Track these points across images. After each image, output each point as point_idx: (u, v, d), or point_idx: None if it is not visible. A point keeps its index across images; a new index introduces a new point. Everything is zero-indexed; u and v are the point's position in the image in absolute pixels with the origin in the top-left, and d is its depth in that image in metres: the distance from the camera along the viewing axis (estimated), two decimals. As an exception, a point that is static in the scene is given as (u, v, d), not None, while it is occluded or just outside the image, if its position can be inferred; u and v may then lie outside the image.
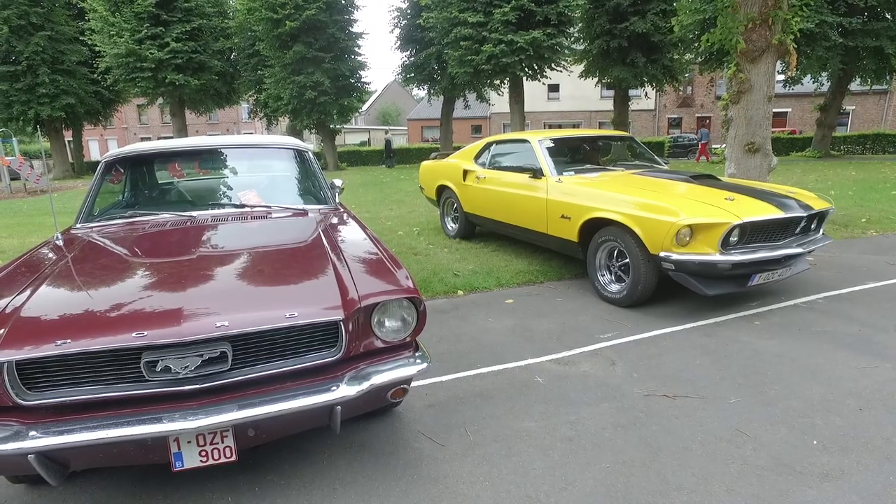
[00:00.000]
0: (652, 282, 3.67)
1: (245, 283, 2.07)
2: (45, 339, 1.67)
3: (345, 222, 2.90)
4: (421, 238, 6.36)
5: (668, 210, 3.44)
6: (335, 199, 3.39)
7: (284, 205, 3.16)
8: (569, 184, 4.28)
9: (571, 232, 4.15)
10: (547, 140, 4.80)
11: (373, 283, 2.05)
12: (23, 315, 1.80)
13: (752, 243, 3.50)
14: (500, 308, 4.02)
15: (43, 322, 1.78)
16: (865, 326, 3.43)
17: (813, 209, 3.64)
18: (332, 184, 3.56)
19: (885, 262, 4.98)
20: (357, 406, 2.00)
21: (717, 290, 3.49)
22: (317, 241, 2.46)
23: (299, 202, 3.24)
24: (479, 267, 5.01)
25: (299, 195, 3.36)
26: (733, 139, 7.07)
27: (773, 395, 2.62)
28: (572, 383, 2.82)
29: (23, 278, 2.11)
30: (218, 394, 1.80)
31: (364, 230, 2.70)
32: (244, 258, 2.31)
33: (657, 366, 2.97)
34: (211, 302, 1.86)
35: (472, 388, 2.82)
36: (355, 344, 1.97)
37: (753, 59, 6.59)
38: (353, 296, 1.94)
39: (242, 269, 2.20)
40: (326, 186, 3.38)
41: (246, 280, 2.10)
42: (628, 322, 3.62)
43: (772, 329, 3.44)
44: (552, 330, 3.55)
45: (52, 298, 1.94)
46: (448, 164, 6.07)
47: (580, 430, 2.39)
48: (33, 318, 1.80)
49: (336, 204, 3.30)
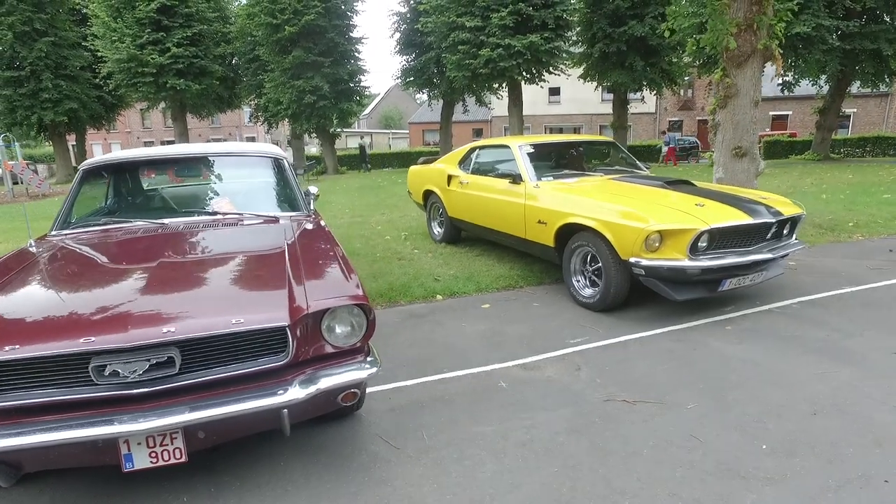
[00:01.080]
0: (624, 287, 3.70)
1: (198, 290, 2.12)
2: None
3: (312, 230, 2.96)
4: (407, 243, 6.41)
5: (637, 216, 3.47)
6: (309, 207, 3.45)
7: (257, 212, 3.23)
8: (546, 189, 4.32)
9: (548, 237, 4.19)
10: (527, 146, 4.84)
11: (323, 290, 2.10)
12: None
13: (721, 249, 3.53)
14: (475, 313, 4.06)
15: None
16: (834, 331, 3.45)
17: (783, 215, 3.66)
18: (306, 191, 3.62)
19: (866, 266, 4.99)
20: (307, 409, 2.04)
21: (687, 295, 3.52)
22: (278, 249, 2.51)
23: (272, 209, 3.30)
24: (460, 272, 5.05)
25: (272, 202, 3.41)
26: (721, 143, 7.09)
27: (731, 401, 2.64)
28: (535, 388, 2.85)
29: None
30: (167, 397, 1.85)
31: (328, 238, 2.75)
32: (204, 265, 2.37)
33: (622, 371, 3.00)
34: (161, 308, 1.91)
35: (436, 392, 2.86)
36: (304, 349, 2.02)
37: (739, 63, 6.62)
38: (300, 302, 1.99)
39: (199, 275, 2.25)
40: (300, 194, 3.43)
41: (200, 287, 2.16)
42: (600, 327, 3.65)
43: (742, 334, 3.47)
44: (524, 335, 3.58)
45: (9, 305, 1.99)
46: (434, 169, 6.12)
47: (534, 434, 2.42)
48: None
49: (309, 211, 3.36)
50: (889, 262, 5.12)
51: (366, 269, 5.24)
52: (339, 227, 7.92)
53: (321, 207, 10.57)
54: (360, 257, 5.76)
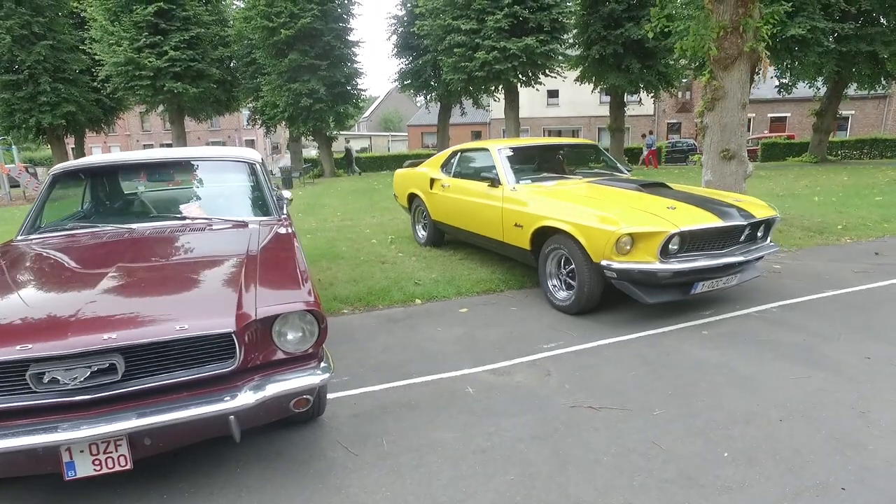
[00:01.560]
0: (597, 290, 3.67)
1: (147, 296, 2.10)
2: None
3: (277, 235, 2.93)
4: (392, 246, 6.39)
5: (608, 219, 3.44)
6: (282, 211, 3.43)
7: (226, 217, 3.21)
8: (523, 192, 4.30)
9: (524, 240, 4.16)
10: (507, 149, 4.82)
11: (275, 296, 2.07)
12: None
13: (693, 251, 3.50)
14: (452, 317, 4.03)
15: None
16: (812, 336, 3.41)
17: (755, 217, 3.63)
18: (279, 195, 3.60)
19: (851, 270, 4.95)
20: (258, 415, 2.02)
21: (659, 298, 3.49)
22: (238, 255, 2.49)
23: (242, 214, 3.28)
24: (441, 275, 5.02)
25: (243, 207, 3.39)
26: (709, 146, 7.06)
27: (699, 407, 2.61)
28: (502, 394, 2.82)
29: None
30: (111, 404, 1.83)
31: (291, 244, 2.73)
32: (160, 271, 2.35)
33: (592, 377, 2.97)
34: (106, 314, 1.89)
35: (401, 397, 2.83)
36: (254, 355, 2.00)
37: (726, 66, 6.60)
38: (248, 309, 1.97)
39: (152, 281, 2.23)
40: (272, 198, 3.41)
41: (150, 293, 2.13)
42: (575, 332, 3.62)
43: (717, 338, 3.43)
44: (498, 339, 3.55)
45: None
46: (417, 173, 6.10)
47: (495, 441, 2.39)
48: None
49: (280, 216, 3.33)
50: (874, 265, 5.08)
51: (348, 273, 5.22)
52: (328, 230, 7.91)
53: (314, 211, 10.63)
54: (343, 261, 5.74)
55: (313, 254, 6.09)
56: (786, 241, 6.15)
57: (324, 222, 8.93)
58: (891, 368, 2.92)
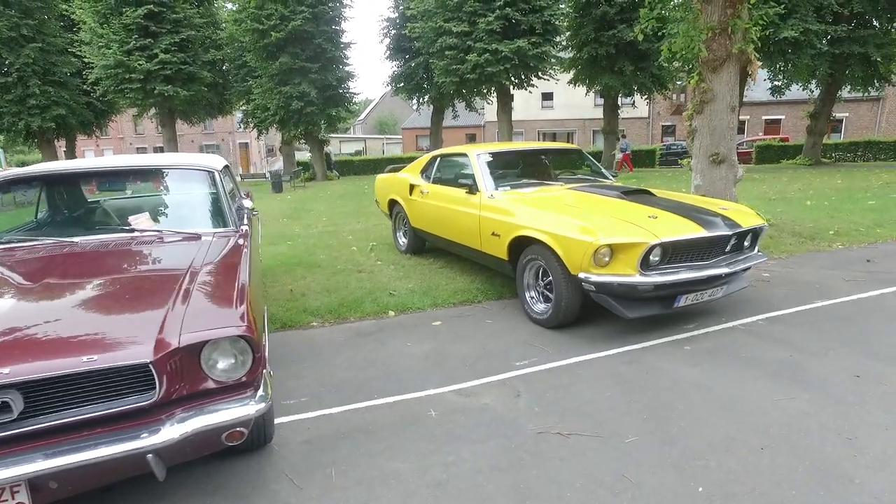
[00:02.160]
0: (575, 303, 3.50)
1: (60, 321, 1.90)
2: None
3: (229, 249, 2.74)
4: (372, 254, 6.20)
5: (586, 229, 3.27)
6: (241, 221, 3.25)
7: (178, 228, 3.03)
8: (500, 200, 4.13)
9: (501, 250, 3.99)
10: (486, 154, 4.65)
11: (204, 319, 1.89)
12: None
13: (676, 263, 3.33)
14: (424, 331, 3.85)
15: None
16: (798, 351, 3.24)
17: (741, 227, 3.46)
18: (239, 205, 3.42)
19: (842, 278, 4.79)
20: (184, 451, 1.83)
21: (640, 312, 3.32)
22: (179, 271, 2.30)
23: (196, 226, 3.09)
24: (419, 285, 4.84)
25: (198, 218, 3.20)
26: (698, 150, 6.91)
27: (675, 433, 2.43)
28: (466, 418, 2.64)
29: None
30: (7, 446, 1.64)
31: (237, 259, 2.54)
32: (86, 291, 2.15)
33: (564, 398, 2.79)
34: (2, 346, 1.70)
35: (360, 421, 2.65)
36: (180, 385, 1.82)
37: (715, 68, 6.45)
38: (171, 335, 1.78)
39: (73, 303, 2.04)
40: (230, 209, 3.22)
41: (65, 317, 1.94)
42: (551, 347, 3.44)
43: (699, 355, 3.26)
44: (469, 355, 3.37)
45: None
46: (398, 178, 5.92)
47: (453, 473, 2.20)
48: None
49: (238, 227, 3.15)
50: (866, 273, 4.92)
51: (322, 283, 5.03)
52: (310, 236, 7.72)
53: (300, 216, 10.44)
54: (320, 269, 5.55)
55: (290, 262, 5.90)
56: (776, 247, 6.00)
57: (308, 228, 8.74)
58: (880, 388, 2.75)
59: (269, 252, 6.52)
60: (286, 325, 4.06)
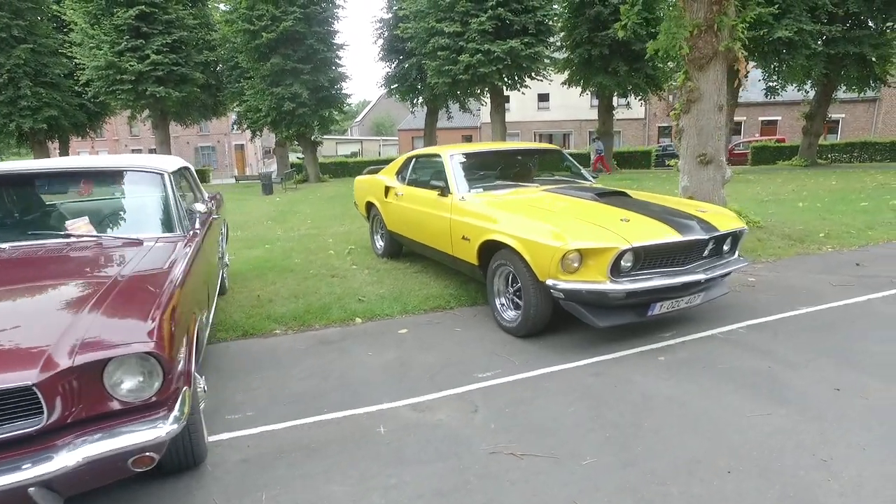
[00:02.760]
0: (545, 311, 3.32)
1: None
2: None
3: (168, 256, 2.57)
4: (349, 258, 6.03)
5: (554, 234, 3.10)
6: (191, 226, 3.08)
7: (120, 233, 2.87)
8: (471, 202, 3.95)
9: (471, 254, 3.82)
10: (459, 155, 4.48)
11: (107, 336, 1.72)
12: None
13: (649, 269, 3.15)
14: (389, 339, 3.67)
15: None
16: (778, 362, 3.07)
17: (718, 231, 3.28)
18: (190, 210, 3.25)
19: (829, 283, 4.62)
20: (83, 480, 1.66)
21: (612, 321, 3.14)
22: (99, 282, 2.13)
23: (138, 231, 2.91)
24: (390, 291, 4.67)
25: (142, 223, 3.02)
26: (685, 151, 6.75)
27: (638, 453, 2.26)
28: (417, 435, 2.46)
29: None
30: None
31: (175, 267, 2.37)
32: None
33: (524, 413, 2.62)
34: None
35: (304, 438, 2.47)
36: (77, 408, 1.64)
37: (701, 66, 6.29)
38: (62, 355, 1.61)
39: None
40: (179, 213, 3.05)
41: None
42: (518, 357, 3.26)
43: (674, 366, 3.08)
44: (431, 366, 3.20)
45: None
46: (375, 180, 5.75)
47: (392, 498, 2.03)
48: None
49: (185, 232, 2.98)
50: (854, 277, 4.75)
51: (292, 288, 4.86)
52: (290, 240, 7.55)
53: (285, 218, 10.26)
54: (292, 274, 5.38)
55: (264, 266, 5.73)
56: (764, 250, 5.83)
57: (290, 231, 8.56)
58: (861, 402, 2.57)
59: (245, 256, 6.35)
60: (248, 333, 3.89)
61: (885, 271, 4.88)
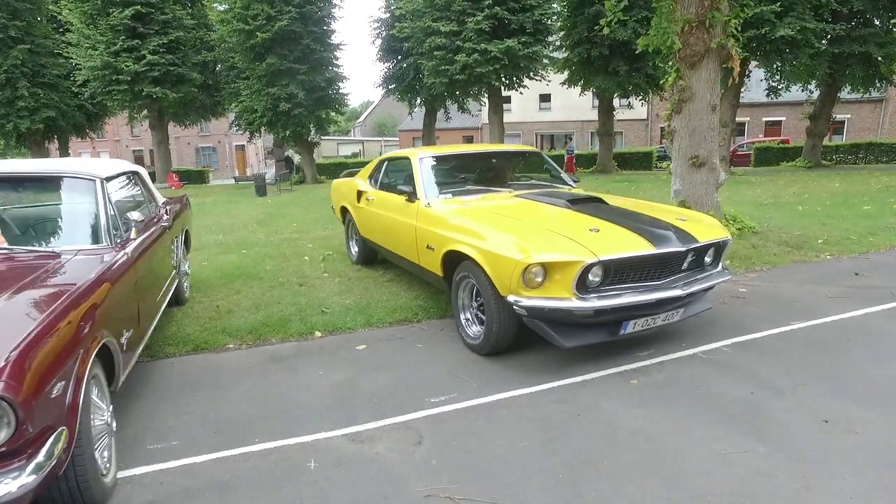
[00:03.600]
0: (509, 328, 3.05)
1: None
2: None
3: (81, 270, 2.32)
4: (322, 265, 5.77)
5: (515, 245, 2.83)
6: (118, 237, 2.83)
7: (35, 246, 2.63)
8: (437, 209, 3.69)
9: (436, 264, 3.56)
10: (429, 157, 4.21)
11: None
12: None
13: (621, 284, 2.88)
14: (344, 356, 3.41)
15: None
16: (762, 387, 2.79)
17: (697, 242, 3.00)
18: (125, 218, 3.00)
19: (825, 294, 4.32)
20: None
21: (579, 341, 2.87)
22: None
23: (59, 242, 2.68)
24: (357, 301, 4.41)
25: (63, 233, 2.79)
26: (678, 152, 6.46)
27: (590, 501, 1.98)
28: (348, 472, 2.20)
29: None
30: None
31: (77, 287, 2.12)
32: None
33: (472, 447, 2.35)
34: None
35: (225, 474, 2.21)
36: None
37: (693, 64, 6.00)
38: None
39: None
40: (108, 223, 2.80)
41: None
42: (478, 379, 2.99)
43: (648, 391, 2.81)
44: (382, 388, 2.94)
45: None
46: (350, 184, 5.50)
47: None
48: None
49: (113, 243, 2.73)
50: (852, 288, 4.45)
51: (255, 298, 4.61)
52: (269, 244, 7.30)
53: (272, 221, 10.03)
54: (260, 282, 5.13)
55: (232, 273, 5.48)
56: (759, 258, 5.53)
57: (272, 235, 8.32)
58: (849, 439, 2.29)
59: (219, 262, 6.11)
60: (199, 348, 3.64)
61: (884, 282, 4.58)
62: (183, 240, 4.48)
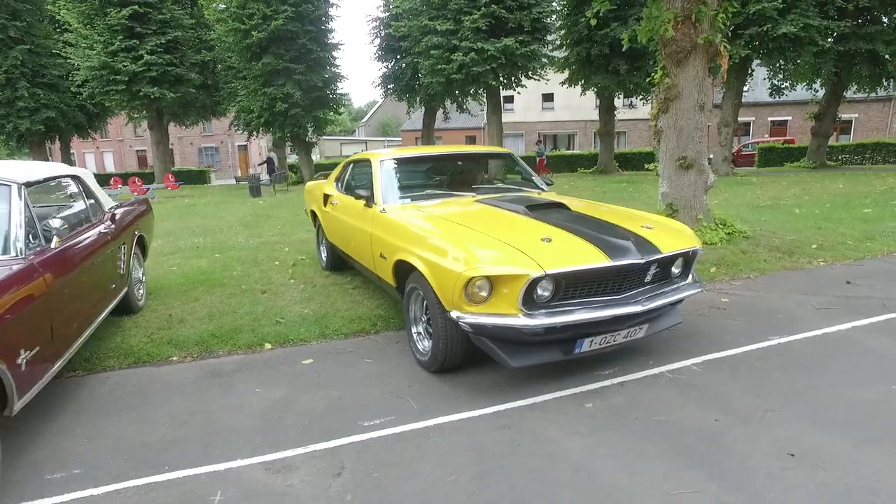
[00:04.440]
0: (456, 344, 2.83)
1: None
2: None
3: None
4: (291, 270, 5.57)
5: (459, 256, 2.60)
6: (40, 245, 2.65)
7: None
8: (391, 215, 3.47)
9: (388, 273, 3.34)
10: (390, 160, 4.00)
11: None
12: None
13: (575, 299, 2.64)
14: (287, 372, 3.20)
15: None
16: (727, 413, 2.55)
17: (659, 253, 2.75)
18: (45, 226, 2.80)
19: (812, 305, 4.06)
20: None
21: (528, 360, 2.64)
22: None
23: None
24: (316, 311, 4.20)
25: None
26: (664, 154, 6.21)
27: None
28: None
29: None
30: None
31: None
32: None
33: (395, 480, 2.13)
34: None
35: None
36: None
37: (679, 61, 5.74)
38: None
39: None
40: (22, 231, 2.61)
41: None
42: (420, 400, 2.77)
43: (601, 416, 2.57)
44: (315, 410, 2.72)
45: None
46: (319, 186, 5.30)
47: None
48: None
49: (28, 253, 2.54)
50: (842, 298, 4.18)
51: (212, 306, 4.41)
52: (245, 248, 7.12)
53: (258, 223, 9.85)
54: (221, 289, 4.94)
55: (196, 279, 5.30)
56: (747, 264, 5.26)
57: (252, 238, 8.15)
58: (815, 477, 2.04)
59: (187, 267, 5.93)
60: (140, 361, 3.45)
61: (876, 291, 4.31)
62: (136, 246, 4.29)
